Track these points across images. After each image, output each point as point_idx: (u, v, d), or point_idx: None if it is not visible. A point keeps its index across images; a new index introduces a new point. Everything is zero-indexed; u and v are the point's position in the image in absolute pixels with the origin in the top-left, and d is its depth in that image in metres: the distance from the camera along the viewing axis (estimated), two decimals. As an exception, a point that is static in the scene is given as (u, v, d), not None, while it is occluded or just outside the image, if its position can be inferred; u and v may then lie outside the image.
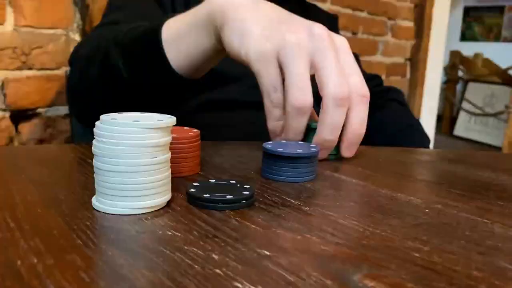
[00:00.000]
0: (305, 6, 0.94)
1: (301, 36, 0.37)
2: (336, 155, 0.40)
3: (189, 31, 0.44)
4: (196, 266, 0.19)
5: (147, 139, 0.23)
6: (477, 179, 0.35)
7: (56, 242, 0.20)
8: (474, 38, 6.04)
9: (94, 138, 0.24)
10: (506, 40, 5.75)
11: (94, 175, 0.25)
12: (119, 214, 0.24)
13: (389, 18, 2.02)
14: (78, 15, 0.97)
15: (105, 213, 0.24)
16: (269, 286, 0.17)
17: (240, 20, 0.39)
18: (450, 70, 5.11)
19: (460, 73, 5.18)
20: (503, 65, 4.83)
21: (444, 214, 0.26)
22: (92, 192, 0.26)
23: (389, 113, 0.82)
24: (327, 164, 0.38)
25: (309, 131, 0.38)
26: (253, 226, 0.23)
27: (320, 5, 1.58)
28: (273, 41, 0.37)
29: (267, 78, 0.38)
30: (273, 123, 0.39)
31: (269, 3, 0.43)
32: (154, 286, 0.17)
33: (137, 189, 0.23)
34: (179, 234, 0.22)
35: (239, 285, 0.17)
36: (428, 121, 2.45)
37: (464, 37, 6.13)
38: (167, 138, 0.25)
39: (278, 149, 0.31)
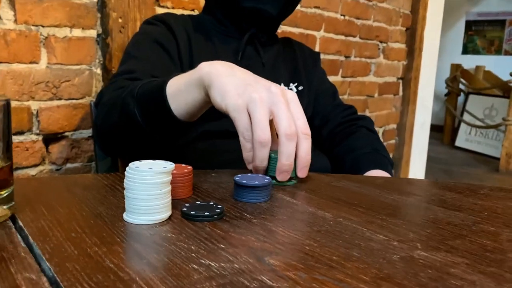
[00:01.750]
0: (291, 44, 1.10)
1: (262, 94, 0.54)
2: (295, 181, 0.57)
3: (186, 89, 0.61)
4: (182, 253, 0.35)
5: (157, 179, 0.40)
6: (380, 200, 0.51)
7: (106, 240, 0.37)
8: (475, 51, 6.17)
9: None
10: (507, 53, 5.87)
11: (125, 200, 0.41)
12: (140, 224, 0.40)
13: (381, 41, 2.17)
14: (99, 52, 1.14)
15: (132, 223, 0.40)
16: (220, 261, 0.33)
17: (221, 83, 0.56)
18: (451, 82, 5.23)
19: (461, 86, 5.30)
20: (504, 77, 4.95)
21: (341, 224, 0.42)
22: (123, 210, 0.42)
23: (358, 138, 0.98)
24: (283, 190, 0.54)
25: (271, 159, 0.54)
26: (218, 231, 0.39)
27: (315, 33, 1.75)
28: (243, 98, 0.54)
29: (241, 123, 0.54)
30: (246, 154, 0.56)
31: (241, 69, 0.59)
32: (159, 262, 0.33)
33: (150, 209, 0.40)
34: (174, 236, 0.38)
35: (202, 261, 0.33)
36: (421, 135, 2.59)
37: (466, 50, 6.26)
38: (169, 178, 0.41)
39: (243, 181, 0.47)
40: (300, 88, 1.02)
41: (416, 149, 2.57)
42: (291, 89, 1.01)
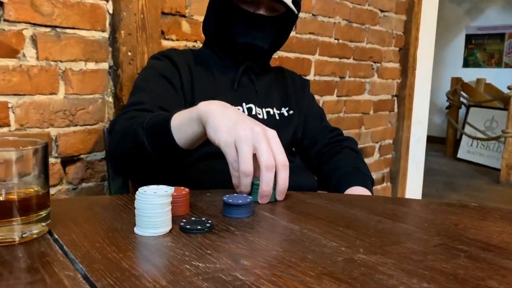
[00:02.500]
0: (283, 73, 1.23)
1: (247, 133, 0.65)
2: (274, 199, 0.68)
3: (187, 124, 0.73)
4: (178, 257, 0.46)
5: (160, 201, 0.51)
6: (342, 214, 0.62)
7: (121, 248, 0.48)
8: (476, 65, 6.28)
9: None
10: (508, 66, 5.97)
11: (135, 217, 0.53)
12: (147, 236, 0.52)
13: (375, 62, 2.29)
14: (111, 82, 1.27)
15: (141, 235, 0.52)
16: (206, 263, 0.45)
17: (214, 121, 0.68)
18: (451, 95, 5.33)
19: (462, 99, 5.40)
20: (505, 90, 5.04)
21: (304, 234, 0.54)
22: (134, 225, 0.54)
23: (342, 158, 1.09)
24: (265, 207, 0.65)
25: (254, 185, 0.66)
26: (207, 241, 0.51)
27: (310, 57, 1.88)
28: (232, 135, 0.66)
29: (230, 156, 0.66)
30: (234, 180, 0.67)
31: (233, 108, 0.71)
32: (161, 263, 0.45)
33: (155, 224, 0.51)
34: (173, 245, 0.50)
35: (193, 263, 0.45)
36: (417, 150, 2.70)
37: (466, 64, 6.36)
38: (169, 199, 0.53)
39: (229, 200, 0.59)
40: (291, 112, 1.14)
41: (413, 163, 2.67)
42: (282, 113, 1.13)
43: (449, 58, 6.48)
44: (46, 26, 1.13)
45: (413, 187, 2.72)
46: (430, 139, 6.38)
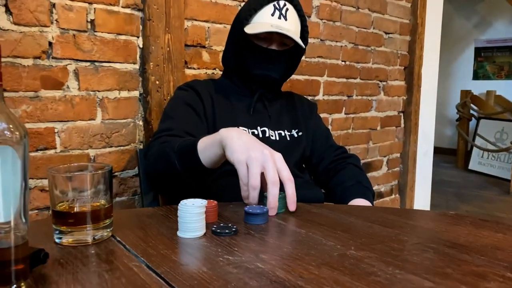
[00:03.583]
0: (293, 98, 1.38)
1: (258, 154, 0.80)
2: (284, 209, 0.83)
3: (210, 147, 0.89)
4: (212, 252, 0.61)
5: (197, 211, 0.67)
6: (341, 222, 0.77)
7: (168, 246, 0.64)
8: (486, 77, 6.37)
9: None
10: (517, 77, 6.06)
11: (178, 223, 0.68)
12: (187, 237, 0.67)
13: (381, 81, 2.44)
14: (141, 108, 1.44)
15: (182, 237, 0.67)
16: (234, 256, 0.60)
17: (231, 145, 0.83)
18: (461, 108, 5.43)
19: (472, 111, 5.49)
20: (514, 101, 5.13)
21: (309, 236, 0.68)
22: (176, 229, 0.69)
23: (347, 173, 1.24)
24: (277, 216, 0.80)
25: (263, 198, 0.81)
26: (233, 241, 0.66)
27: (318, 78, 2.03)
28: (244, 156, 0.81)
29: (242, 172, 0.81)
30: (244, 193, 0.82)
31: (247, 135, 0.87)
32: (200, 257, 0.60)
33: (193, 229, 0.67)
34: (208, 244, 0.65)
35: (224, 257, 0.60)
36: (424, 163, 2.82)
37: (476, 76, 6.46)
38: (204, 209, 0.68)
39: (249, 210, 0.75)
40: (300, 133, 1.30)
41: (420, 175, 2.79)
42: (292, 134, 1.28)
43: (459, 71, 6.59)
44: (86, 61, 1.31)
45: (421, 199, 2.84)
46: (441, 151, 6.48)
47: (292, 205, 0.83)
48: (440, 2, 2.76)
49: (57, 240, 0.64)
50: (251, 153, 0.81)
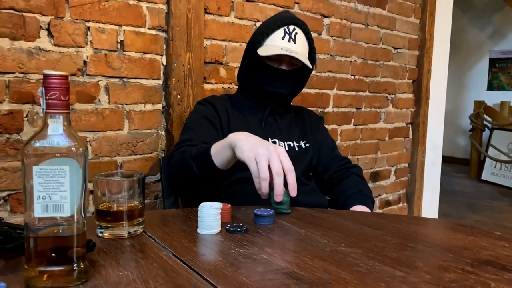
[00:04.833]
0: (301, 112, 1.51)
1: (264, 151, 0.93)
2: (289, 211, 0.96)
3: (222, 150, 1.02)
4: (226, 246, 0.75)
5: (214, 212, 0.80)
6: (337, 224, 0.89)
7: (191, 240, 0.77)
8: (501, 88, 6.40)
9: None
10: (532, 89, 6.08)
11: (198, 222, 0.82)
12: (206, 234, 0.81)
13: (389, 93, 2.55)
14: (164, 120, 1.59)
15: (202, 234, 0.81)
16: (244, 249, 0.73)
17: (240, 145, 0.96)
18: (475, 118, 5.48)
19: (485, 122, 5.53)
20: (528, 112, 5.15)
21: (307, 235, 0.81)
22: (196, 227, 0.83)
23: (349, 182, 1.36)
24: (282, 218, 0.93)
25: (271, 190, 0.94)
26: (244, 238, 0.79)
27: (328, 92, 2.16)
28: (253, 153, 0.94)
29: (253, 167, 0.94)
30: (257, 185, 0.95)
31: (253, 136, 0.99)
32: (216, 250, 0.73)
33: (211, 227, 0.80)
34: (223, 239, 0.78)
35: (236, 250, 0.73)
36: (432, 173, 2.91)
37: (491, 87, 6.49)
38: (219, 211, 0.82)
39: (258, 212, 0.88)
40: (308, 144, 1.42)
41: (429, 185, 2.88)
42: (301, 145, 1.41)
43: (473, 82, 6.63)
44: (116, 77, 1.46)
45: (429, 208, 2.93)
46: (455, 161, 6.52)
47: (293, 191, 0.94)
48: (449, 18, 2.86)
49: (99, 234, 0.79)
50: (258, 150, 0.93)
